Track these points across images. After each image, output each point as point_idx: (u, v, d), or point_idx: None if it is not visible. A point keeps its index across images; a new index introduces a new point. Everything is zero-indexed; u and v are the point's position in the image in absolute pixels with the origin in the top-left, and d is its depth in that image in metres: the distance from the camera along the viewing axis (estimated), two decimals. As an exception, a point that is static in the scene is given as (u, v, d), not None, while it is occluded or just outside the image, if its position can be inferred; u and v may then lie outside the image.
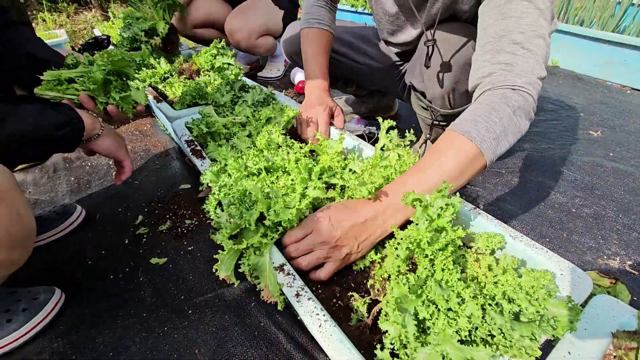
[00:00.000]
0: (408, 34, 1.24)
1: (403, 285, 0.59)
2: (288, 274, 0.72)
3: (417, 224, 0.71)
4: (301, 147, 1.07)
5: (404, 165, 0.89)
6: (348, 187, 0.93)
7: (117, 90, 0.99)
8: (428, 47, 1.03)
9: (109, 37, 2.30)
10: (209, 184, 0.94)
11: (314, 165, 0.92)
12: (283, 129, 1.16)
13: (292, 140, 1.13)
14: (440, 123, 1.24)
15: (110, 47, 2.23)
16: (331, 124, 1.23)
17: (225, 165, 0.98)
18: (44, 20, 4.05)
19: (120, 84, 1.01)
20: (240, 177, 0.90)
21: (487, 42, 0.80)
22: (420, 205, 0.75)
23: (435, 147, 0.79)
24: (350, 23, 1.58)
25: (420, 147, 1.45)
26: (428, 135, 1.30)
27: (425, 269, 0.63)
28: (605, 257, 1.08)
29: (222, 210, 0.90)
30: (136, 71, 1.05)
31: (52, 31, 3.13)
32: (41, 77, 0.93)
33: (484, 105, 0.76)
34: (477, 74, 0.82)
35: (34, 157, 0.83)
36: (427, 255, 0.64)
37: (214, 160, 1.14)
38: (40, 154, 0.82)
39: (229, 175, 0.93)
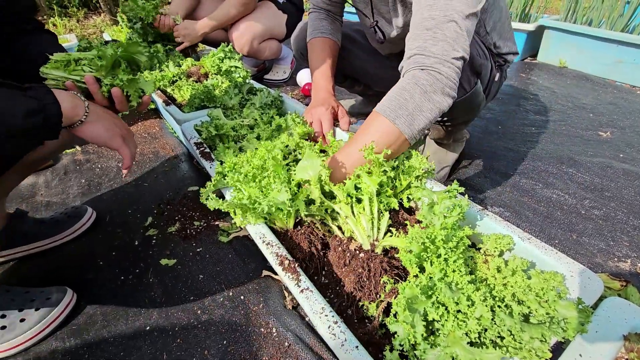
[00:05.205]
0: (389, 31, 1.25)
1: (415, 286, 0.59)
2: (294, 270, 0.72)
3: (425, 224, 0.71)
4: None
5: (412, 166, 0.90)
6: None
7: (126, 73, 0.92)
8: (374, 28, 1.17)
9: (118, 41, 2.34)
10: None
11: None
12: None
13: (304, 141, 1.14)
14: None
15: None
16: (336, 125, 1.24)
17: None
18: (54, 25, 4.12)
19: (129, 71, 0.94)
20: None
21: (410, 32, 0.87)
22: (426, 204, 0.75)
23: (362, 126, 0.89)
24: (357, 22, 1.59)
25: (422, 146, 1.46)
26: (427, 131, 1.31)
27: (441, 270, 0.63)
28: (615, 259, 1.07)
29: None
30: (147, 61, 0.98)
31: (63, 36, 3.18)
32: (51, 57, 0.89)
33: (397, 87, 0.85)
34: (402, 62, 0.89)
35: (3, 155, 0.71)
36: (440, 255, 0.65)
37: (222, 162, 1.15)
38: (9, 150, 0.69)
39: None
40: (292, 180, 0.86)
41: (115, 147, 0.87)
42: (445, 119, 1.23)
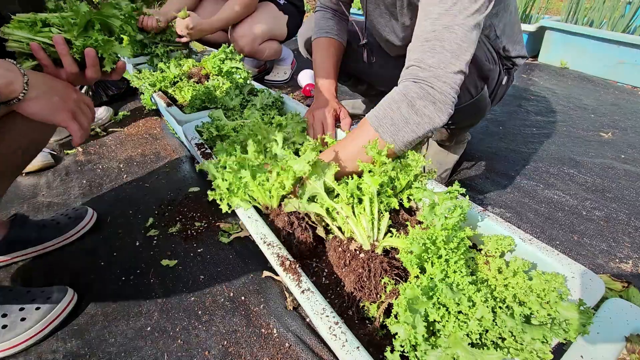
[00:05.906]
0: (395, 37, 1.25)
1: (416, 287, 0.59)
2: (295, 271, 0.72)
3: (426, 225, 0.71)
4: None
5: (409, 164, 0.90)
6: None
7: (100, 34, 0.82)
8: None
9: None
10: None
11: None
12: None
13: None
14: None
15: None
16: (338, 126, 1.24)
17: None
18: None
19: (102, 35, 0.83)
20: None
21: (411, 43, 0.86)
22: (427, 205, 0.75)
23: (353, 130, 0.92)
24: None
25: (423, 146, 1.46)
26: (430, 134, 1.30)
27: (442, 271, 0.63)
28: (617, 260, 1.07)
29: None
30: (121, 26, 0.86)
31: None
32: (13, 17, 0.77)
33: (387, 97, 0.85)
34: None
35: None
36: (440, 256, 0.64)
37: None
38: None
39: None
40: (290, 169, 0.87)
41: (61, 124, 0.77)
42: (449, 122, 1.23)
